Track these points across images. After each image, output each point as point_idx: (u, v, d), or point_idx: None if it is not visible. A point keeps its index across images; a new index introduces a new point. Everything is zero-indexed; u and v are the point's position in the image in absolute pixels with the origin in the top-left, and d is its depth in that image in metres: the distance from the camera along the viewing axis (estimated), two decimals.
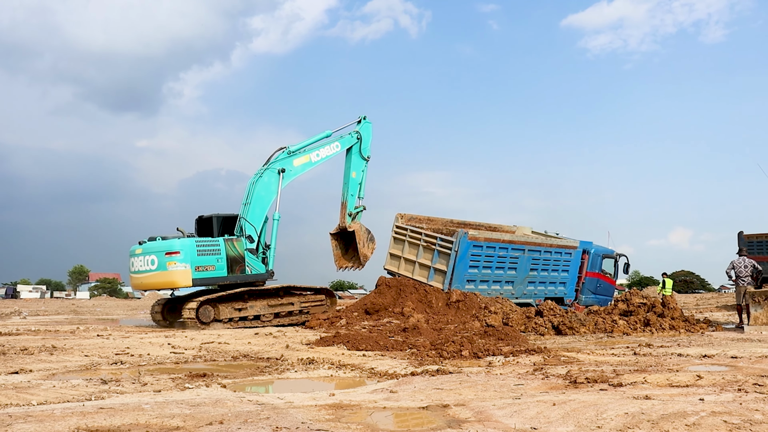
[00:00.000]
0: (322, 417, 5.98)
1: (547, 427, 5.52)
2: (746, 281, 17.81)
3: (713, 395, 6.83)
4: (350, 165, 22.32)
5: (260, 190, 20.25)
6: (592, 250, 24.33)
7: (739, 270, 17.92)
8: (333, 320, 18.38)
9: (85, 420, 5.64)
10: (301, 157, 21.08)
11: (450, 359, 10.76)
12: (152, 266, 18.46)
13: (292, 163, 20.80)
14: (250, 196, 20.17)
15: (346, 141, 22.14)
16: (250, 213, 20.05)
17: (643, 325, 16.74)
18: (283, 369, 9.67)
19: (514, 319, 17.31)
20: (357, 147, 22.37)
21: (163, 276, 18.36)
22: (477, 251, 20.12)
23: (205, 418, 5.83)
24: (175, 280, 18.40)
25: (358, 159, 22.40)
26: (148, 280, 18.80)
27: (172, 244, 18.43)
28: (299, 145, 21.23)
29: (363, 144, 22.44)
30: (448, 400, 6.77)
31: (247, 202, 20.16)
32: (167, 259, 18.24)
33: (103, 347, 12.56)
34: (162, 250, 18.43)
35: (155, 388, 7.64)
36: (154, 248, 18.61)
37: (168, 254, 18.27)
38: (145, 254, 18.71)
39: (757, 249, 34.97)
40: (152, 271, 18.49)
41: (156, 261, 18.41)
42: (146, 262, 18.61)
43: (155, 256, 18.47)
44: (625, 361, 10.31)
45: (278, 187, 20.43)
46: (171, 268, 18.19)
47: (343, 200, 22.22)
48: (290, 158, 20.79)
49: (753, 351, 11.45)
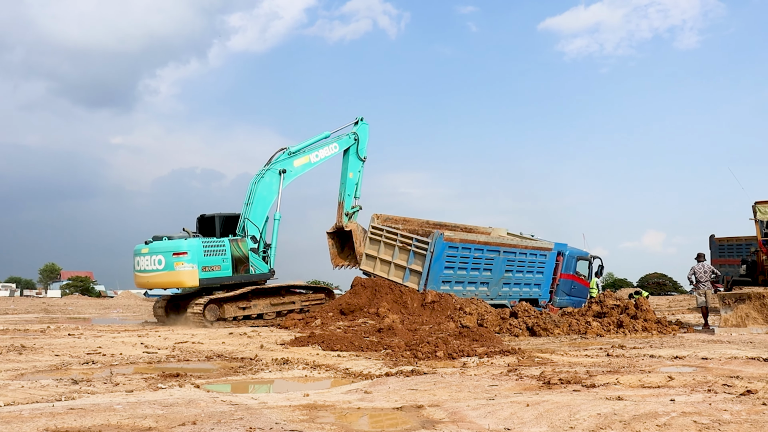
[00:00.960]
0: (296, 417, 5.96)
1: (520, 427, 5.55)
2: (706, 285, 19.00)
3: (684, 396, 6.91)
4: (347, 166, 22.61)
5: (262, 190, 20.49)
6: (566, 252, 24.52)
7: (700, 275, 19.09)
8: (308, 320, 18.32)
9: (55, 421, 5.56)
10: (301, 158, 21.35)
11: (424, 360, 10.77)
12: (159, 266, 18.71)
13: (292, 163, 21.08)
14: (252, 196, 20.41)
15: (344, 142, 22.46)
16: (252, 213, 20.30)
17: (617, 327, 16.89)
18: (257, 369, 9.62)
19: (488, 320, 17.38)
20: (354, 148, 22.69)
21: (170, 276, 18.64)
22: (452, 252, 20.17)
23: (178, 418, 5.78)
24: (182, 280, 18.72)
25: (355, 160, 22.72)
26: (154, 279, 18.99)
27: (180, 245, 18.72)
28: (299, 146, 21.46)
29: (360, 145, 22.79)
30: (422, 401, 6.77)
31: (249, 202, 20.38)
32: (175, 260, 18.54)
33: (74, 347, 12.40)
34: (169, 251, 18.68)
35: (127, 388, 7.56)
36: (161, 248, 18.83)
37: (175, 254, 18.57)
38: (151, 254, 18.89)
39: (727, 252, 35.52)
40: (159, 271, 18.74)
41: (163, 261, 18.65)
42: (153, 262, 18.82)
43: (162, 256, 18.70)
44: (598, 362, 10.40)
45: (279, 188, 20.72)
46: (178, 268, 18.50)
47: (340, 200, 22.48)
48: (291, 159, 21.06)
49: (723, 352, 11.61)
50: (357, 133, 22.77)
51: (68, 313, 31.61)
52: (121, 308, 40.33)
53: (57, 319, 24.77)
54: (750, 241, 29.87)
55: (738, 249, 34.35)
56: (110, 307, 43.10)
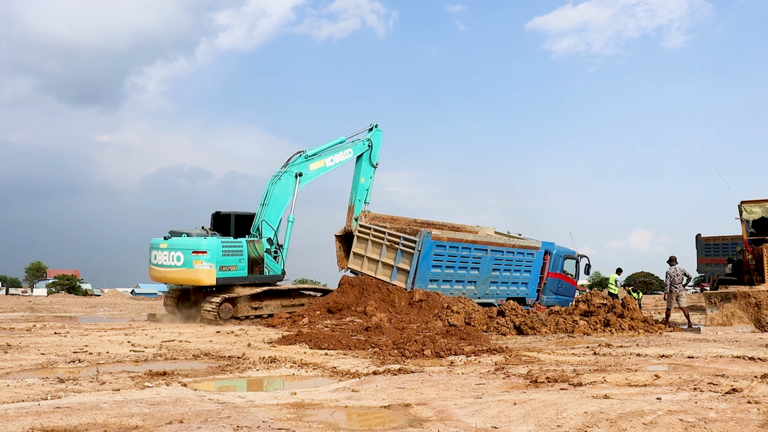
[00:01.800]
0: (284, 416, 5.95)
1: (507, 426, 5.57)
2: (678, 288, 19.69)
3: (670, 394, 6.96)
4: (360, 171, 22.78)
5: (278, 192, 20.62)
6: (554, 251, 24.57)
7: (673, 278, 19.74)
8: (295, 319, 18.30)
9: (41, 420, 5.53)
10: (317, 162, 21.49)
11: (412, 358, 10.79)
12: (178, 262, 18.87)
13: (308, 167, 21.24)
14: (268, 197, 20.52)
15: (358, 148, 22.63)
16: (268, 214, 20.47)
17: (603, 326, 16.98)
18: (244, 368, 9.60)
19: (476, 318, 17.42)
20: (367, 154, 22.84)
21: (188, 273, 18.83)
22: (440, 251, 20.18)
23: (165, 417, 5.76)
24: (200, 278, 18.88)
25: (368, 166, 22.89)
26: (172, 275, 19.24)
27: (199, 243, 18.95)
28: (315, 150, 21.56)
29: (373, 151, 22.97)
30: (409, 399, 6.78)
31: (265, 203, 20.50)
32: (194, 258, 18.73)
33: (60, 345, 12.33)
34: (189, 248, 18.87)
35: (114, 386, 7.52)
36: (181, 245, 19.02)
37: (195, 253, 18.75)
38: (170, 249, 19.06)
39: (713, 251, 35.76)
40: (177, 267, 18.92)
41: (182, 258, 18.82)
42: (171, 258, 18.99)
43: (181, 252, 18.87)
44: (585, 360, 10.45)
45: (295, 190, 20.86)
46: (197, 266, 18.69)
47: (351, 204, 22.62)
48: (307, 162, 21.22)
49: (708, 351, 11.69)
50: (371, 139, 22.91)
51: (54, 312, 31.40)
52: (107, 307, 40.10)
53: (43, 318, 24.59)
54: (736, 241, 30.10)
55: (724, 248, 34.59)
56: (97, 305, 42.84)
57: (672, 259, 20.29)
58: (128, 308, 37.29)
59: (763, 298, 16.67)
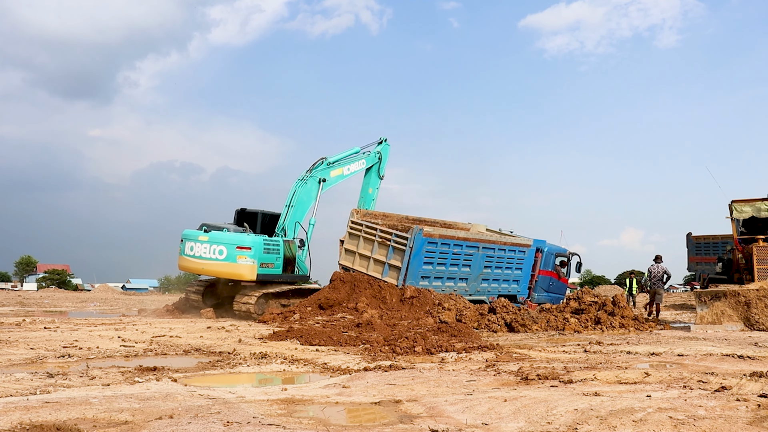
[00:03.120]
0: (274, 412, 5.94)
1: (498, 422, 5.57)
2: (657, 285, 20.82)
3: (660, 392, 6.98)
4: (368, 182, 24.13)
5: (303, 196, 21.40)
6: (545, 249, 24.63)
7: (654, 275, 20.86)
8: (286, 315, 18.28)
9: (29, 415, 5.50)
10: (337, 170, 22.45)
11: (403, 355, 10.79)
12: (220, 256, 19.44)
13: (329, 173, 22.14)
14: (294, 200, 21.26)
15: (370, 159, 23.81)
16: (295, 216, 21.27)
17: (594, 324, 17.03)
18: (235, 363, 9.58)
19: (467, 315, 17.43)
20: (377, 166, 24.15)
21: (230, 267, 19.40)
22: (432, 248, 20.19)
23: (155, 412, 5.74)
24: (242, 273, 19.46)
25: (376, 177, 24.21)
26: (211, 267, 19.74)
27: (244, 239, 19.50)
28: (335, 158, 22.46)
29: (381, 164, 24.28)
30: (400, 396, 6.78)
31: (291, 205, 21.22)
32: (238, 253, 19.33)
33: (50, 340, 12.27)
34: (233, 243, 19.43)
35: (104, 381, 7.49)
36: (225, 239, 19.54)
37: (239, 248, 19.37)
38: (212, 243, 19.59)
39: (704, 250, 35.93)
40: (219, 261, 19.48)
41: (225, 252, 19.39)
42: (213, 251, 19.53)
43: (224, 246, 19.43)
44: (575, 358, 10.47)
45: (317, 195, 21.71)
46: (240, 261, 19.30)
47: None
48: (329, 169, 22.09)
49: (698, 349, 11.74)
50: (381, 152, 24.11)
51: (44, 307, 31.27)
52: (98, 302, 39.99)
53: (33, 313, 24.49)
54: (726, 240, 30.25)
55: (714, 247, 34.77)
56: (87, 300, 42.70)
57: (657, 258, 21.12)
58: (119, 303, 37.19)
59: (752, 297, 16.76)
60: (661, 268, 20.84)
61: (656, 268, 20.90)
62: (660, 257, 21.07)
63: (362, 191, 24.24)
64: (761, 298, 16.69)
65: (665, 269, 20.86)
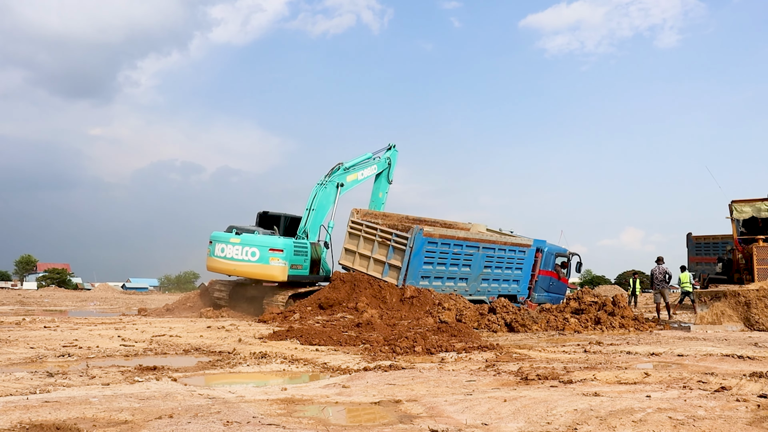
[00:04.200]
0: (274, 411, 5.94)
1: (497, 422, 5.57)
2: (660, 286, 21.22)
3: (660, 392, 6.98)
4: (378, 187, 24.88)
5: (323, 200, 21.98)
6: (545, 249, 24.62)
7: (656, 277, 21.33)
8: (286, 314, 18.28)
9: (29, 414, 5.50)
10: (353, 174, 23.14)
11: (403, 355, 10.79)
12: (252, 258, 20.10)
13: (346, 178, 22.80)
14: (314, 203, 21.83)
15: (380, 165, 24.51)
16: (317, 219, 21.84)
17: (594, 324, 17.02)
18: (235, 363, 9.58)
19: (467, 315, 17.43)
20: (386, 172, 24.89)
21: (262, 268, 20.05)
22: (432, 248, 20.19)
23: (155, 411, 5.74)
24: (274, 274, 20.11)
25: (385, 182, 24.95)
26: (243, 268, 20.32)
27: (276, 242, 20.21)
28: (351, 163, 23.11)
29: (390, 169, 25.03)
30: (400, 396, 6.78)
31: (312, 208, 21.77)
32: (270, 255, 19.99)
33: (49, 339, 12.27)
34: (266, 245, 20.11)
35: (104, 381, 7.49)
36: (257, 241, 20.21)
37: (271, 250, 20.02)
38: (244, 245, 20.25)
39: (704, 250, 35.88)
40: (251, 262, 20.11)
41: (257, 253, 20.06)
42: (245, 253, 20.19)
43: (257, 248, 20.11)
44: (575, 358, 10.47)
45: (336, 198, 22.26)
46: (273, 263, 19.96)
47: None
48: (345, 174, 22.74)
49: (698, 349, 11.74)
50: (390, 158, 24.82)
51: (44, 306, 31.28)
52: (98, 301, 40.00)
53: (32, 312, 24.51)
54: (726, 240, 30.21)
55: (714, 247, 34.71)
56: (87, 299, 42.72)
57: (659, 260, 21.51)
58: (119, 302, 37.20)
59: (752, 297, 16.76)
60: (662, 269, 21.24)
61: (658, 269, 21.31)
62: (662, 258, 21.46)
63: (372, 195, 24.87)
64: (761, 298, 16.70)
65: (666, 270, 21.25)
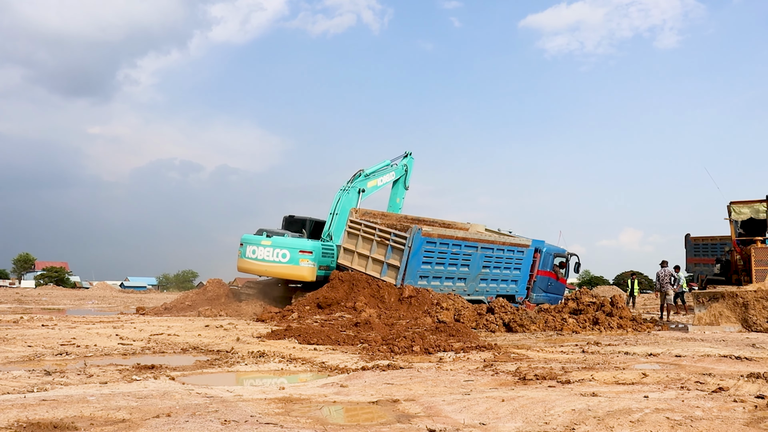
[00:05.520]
0: (272, 410, 5.94)
1: (495, 422, 5.57)
2: (665, 288, 22.59)
3: (657, 393, 6.98)
4: (396, 192, 25.85)
5: (346, 204, 22.76)
6: (544, 249, 24.63)
7: (662, 279, 22.66)
8: (285, 314, 18.29)
9: (26, 412, 5.49)
10: (373, 181, 24.16)
11: (401, 354, 10.79)
12: (283, 259, 21.20)
13: (367, 184, 23.81)
14: (338, 208, 22.74)
15: (398, 171, 25.45)
16: (339, 223, 22.50)
17: (592, 324, 17.02)
18: (233, 362, 9.58)
19: (465, 315, 17.43)
20: (403, 178, 25.81)
21: (293, 269, 21.13)
22: (430, 247, 20.18)
23: (152, 410, 5.73)
24: (304, 274, 21.21)
25: (402, 188, 25.88)
26: (274, 269, 21.45)
27: (305, 244, 21.43)
28: (371, 170, 24.15)
29: (407, 176, 25.94)
30: (398, 395, 6.78)
31: (336, 213, 22.68)
32: (301, 256, 21.08)
33: (47, 337, 12.27)
34: (296, 247, 21.28)
35: (101, 379, 7.49)
36: (287, 244, 21.39)
37: (302, 252, 21.14)
38: (275, 247, 21.36)
39: (702, 251, 35.90)
40: (282, 263, 21.22)
41: (288, 255, 21.16)
42: (276, 254, 21.29)
43: (287, 250, 21.22)
44: (573, 358, 10.47)
45: (357, 203, 23.05)
46: (303, 264, 21.01)
47: None
48: (366, 180, 23.75)
49: (696, 350, 11.74)
50: (407, 165, 25.76)
51: (42, 304, 31.27)
52: (96, 299, 39.99)
53: (30, 310, 24.50)
54: (725, 241, 30.24)
55: (713, 248, 34.73)
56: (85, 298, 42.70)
57: (664, 263, 22.97)
58: (117, 301, 37.21)
59: (750, 298, 16.76)
60: (668, 272, 22.62)
61: (663, 272, 22.64)
62: (666, 262, 22.91)
63: (390, 201, 25.77)
64: (759, 299, 16.70)
65: (671, 272, 22.73)
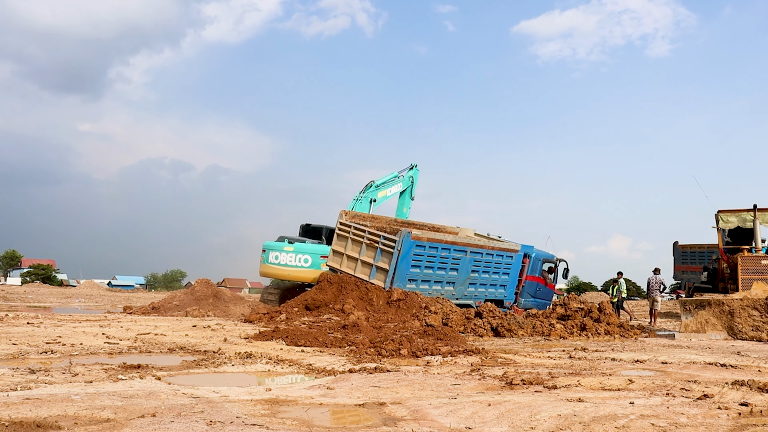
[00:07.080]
0: (258, 412, 5.92)
1: (481, 426, 5.58)
2: (655, 294, 23.71)
3: (643, 399, 7.01)
4: (403, 203, 26.90)
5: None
6: (533, 254, 24.68)
7: (652, 286, 23.78)
8: (273, 315, 18.25)
9: (9, 411, 5.45)
10: (383, 191, 25.48)
11: (388, 357, 10.78)
12: (305, 264, 22.65)
13: (377, 194, 25.08)
14: None
15: (405, 183, 26.62)
16: None
17: (580, 330, 17.06)
18: (220, 363, 9.55)
19: (453, 319, 17.44)
20: (409, 189, 26.87)
21: (315, 273, 22.05)
22: (419, 251, 20.19)
23: (138, 410, 5.71)
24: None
25: (408, 199, 26.96)
26: (297, 274, 22.89)
27: (326, 250, 22.32)
28: (381, 181, 25.43)
29: (413, 187, 26.99)
30: (384, 398, 6.78)
31: None
32: (322, 261, 22.19)
33: (33, 335, 12.19)
34: (317, 253, 22.63)
35: (86, 378, 7.45)
36: (309, 250, 22.82)
37: (323, 257, 22.20)
38: (297, 253, 22.80)
39: (690, 259, 36.11)
40: (305, 268, 22.66)
41: (310, 260, 22.63)
42: (298, 260, 22.74)
43: (309, 256, 22.70)
44: (560, 364, 10.50)
45: (369, 212, 24.09)
46: (324, 269, 21.69)
47: None
48: (377, 191, 25.09)
49: (682, 357, 11.79)
50: (413, 176, 26.82)
51: (28, 302, 31.07)
52: (83, 298, 39.76)
53: (16, 307, 24.34)
54: (712, 249, 30.42)
55: (700, 256, 34.96)
56: (72, 296, 42.46)
57: (656, 270, 24.10)
58: (104, 300, 37.01)
59: (736, 306, 16.85)
60: (659, 279, 23.78)
61: (654, 279, 23.77)
62: (659, 270, 24.02)
63: (397, 211, 26.67)
64: (745, 307, 16.78)
65: (662, 280, 23.90)
